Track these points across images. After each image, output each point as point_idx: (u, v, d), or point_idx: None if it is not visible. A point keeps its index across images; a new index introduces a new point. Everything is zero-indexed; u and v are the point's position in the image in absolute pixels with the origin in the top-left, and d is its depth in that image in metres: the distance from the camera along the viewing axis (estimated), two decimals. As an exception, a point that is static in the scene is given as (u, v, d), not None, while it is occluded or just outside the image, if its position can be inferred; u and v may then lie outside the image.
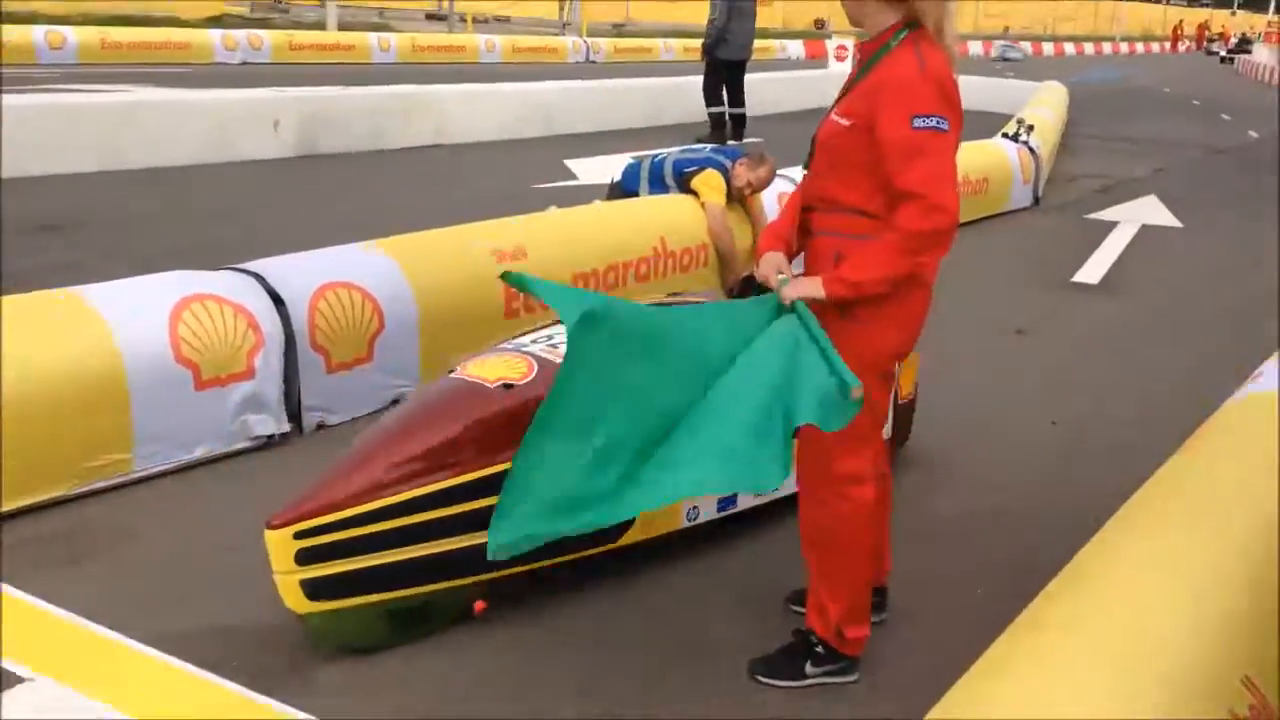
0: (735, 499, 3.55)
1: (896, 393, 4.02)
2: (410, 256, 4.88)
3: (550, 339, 3.40)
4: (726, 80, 12.86)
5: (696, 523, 3.46)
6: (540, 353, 3.28)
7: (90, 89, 13.23)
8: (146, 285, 4.21)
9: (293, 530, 2.81)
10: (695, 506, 3.44)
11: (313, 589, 2.85)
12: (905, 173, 2.50)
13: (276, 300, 4.31)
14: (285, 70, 18.37)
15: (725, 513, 3.53)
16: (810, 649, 2.85)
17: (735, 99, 12.99)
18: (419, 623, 3.00)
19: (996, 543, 3.71)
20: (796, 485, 2.94)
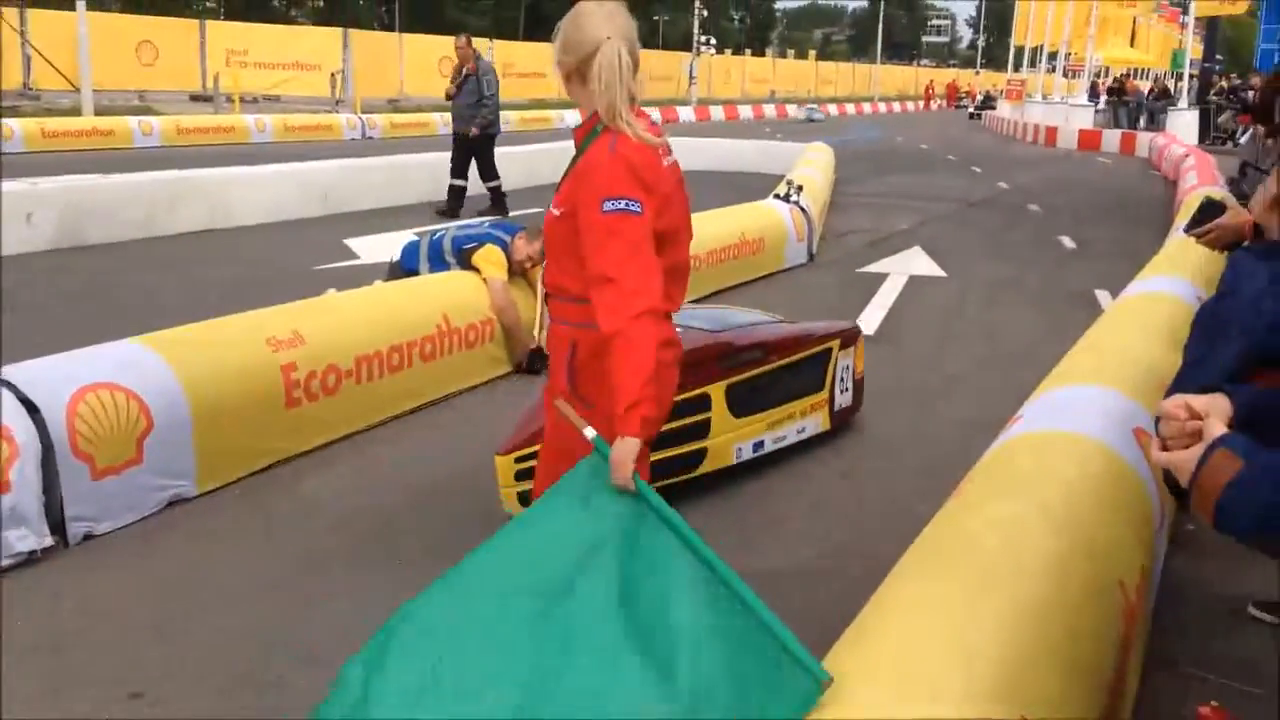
0: (764, 442, 5.03)
1: (853, 369, 5.62)
2: (179, 351, 4.68)
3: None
4: (486, 154, 13.05)
5: (741, 460, 4.89)
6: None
7: None
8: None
9: (513, 456, 4.18)
10: (740, 447, 4.87)
11: (523, 497, 4.04)
12: (596, 256, 2.46)
13: (30, 407, 4.04)
14: (39, 160, 17.39)
15: (756, 454, 4.99)
16: None
17: (492, 172, 13.28)
18: None
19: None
20: None
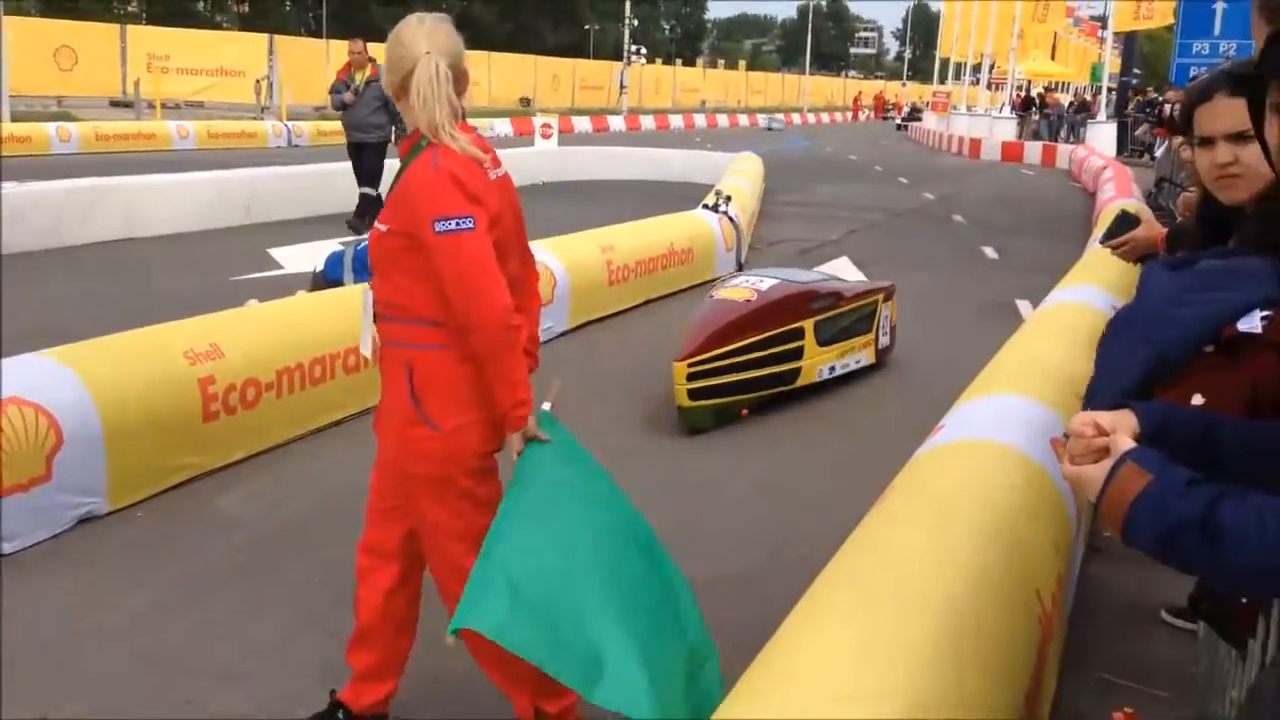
0: (835, 368, 6.63)
1: (890, 318, 7.26)
2: (90, 364, 4.55)
3: (748, 279, 6.53)
4: (379, 160, 12.37)
5: (822, 379, 6.50)
6: (753, 283, 6.35)
7: None
8: None
9: (686, 363, 5.68)
10: (821, 370, 6.49)
11: (692, 395, 5.74)
12: (443, 278, 2.49)
13: (-69, 424, 3.90)
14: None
15: (831, 375, 6.57)
16: None
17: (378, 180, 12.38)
18: (727, 418, 5.92)
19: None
20: (444, 603, 2.82)
